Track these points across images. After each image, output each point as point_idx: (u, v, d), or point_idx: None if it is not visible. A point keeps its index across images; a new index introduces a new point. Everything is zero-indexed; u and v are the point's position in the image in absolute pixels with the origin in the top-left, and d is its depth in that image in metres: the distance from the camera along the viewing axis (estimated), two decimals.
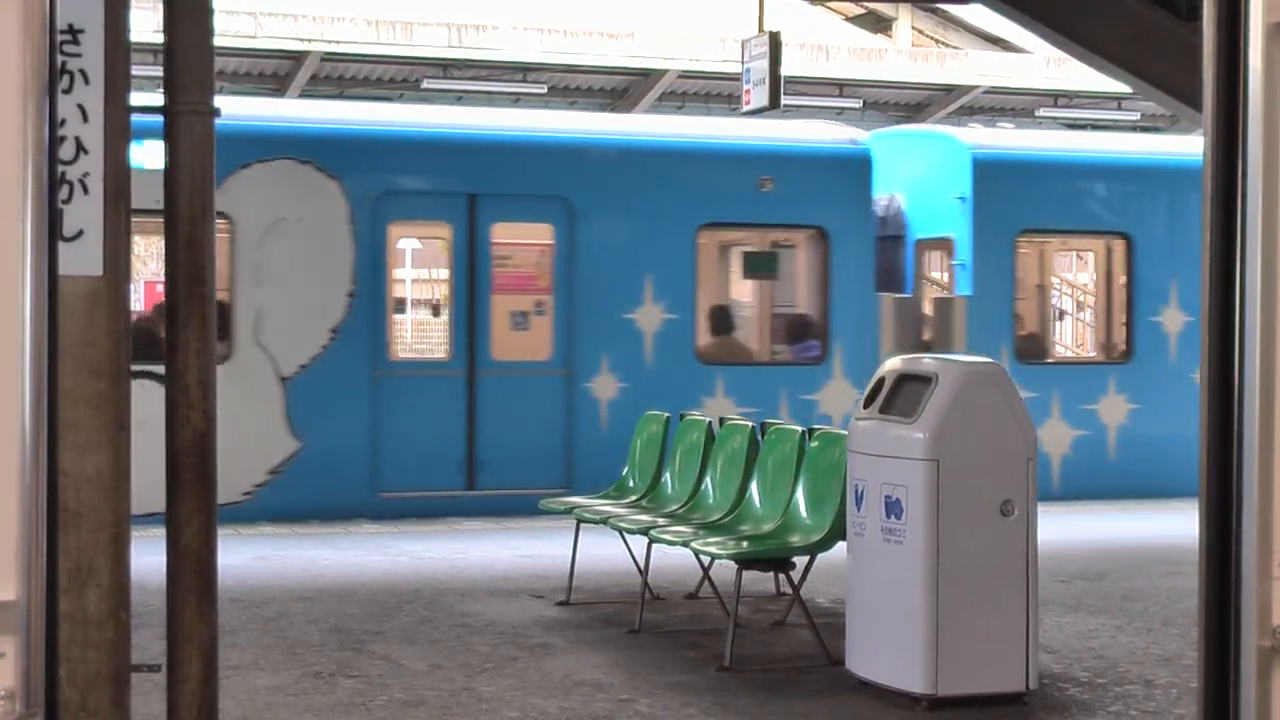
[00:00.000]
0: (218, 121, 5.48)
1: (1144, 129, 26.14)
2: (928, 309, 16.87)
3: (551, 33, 24.95)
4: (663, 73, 25.82)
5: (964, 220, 16.26)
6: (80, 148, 4.77)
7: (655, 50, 25.61)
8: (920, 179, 17.09)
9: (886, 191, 16.94)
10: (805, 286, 16.58)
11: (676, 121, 19.23)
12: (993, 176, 16.39)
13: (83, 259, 4.77)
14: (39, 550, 3.15)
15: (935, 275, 17.43)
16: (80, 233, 4.78)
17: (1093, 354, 17.51)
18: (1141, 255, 16.81)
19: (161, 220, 5.49)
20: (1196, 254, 16.61)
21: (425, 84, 25.08)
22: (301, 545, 12.95)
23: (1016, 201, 16.46)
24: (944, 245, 16.78)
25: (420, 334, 23.23)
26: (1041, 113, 27.47)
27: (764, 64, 17.23)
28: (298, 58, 24.22)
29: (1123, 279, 17.08)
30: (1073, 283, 21.41)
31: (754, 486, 9.72)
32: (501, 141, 15.54)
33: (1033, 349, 17.20)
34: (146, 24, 7.82)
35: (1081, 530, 14.02)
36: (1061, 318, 20.64)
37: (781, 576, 9.82)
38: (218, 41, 5.66)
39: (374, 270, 14.73)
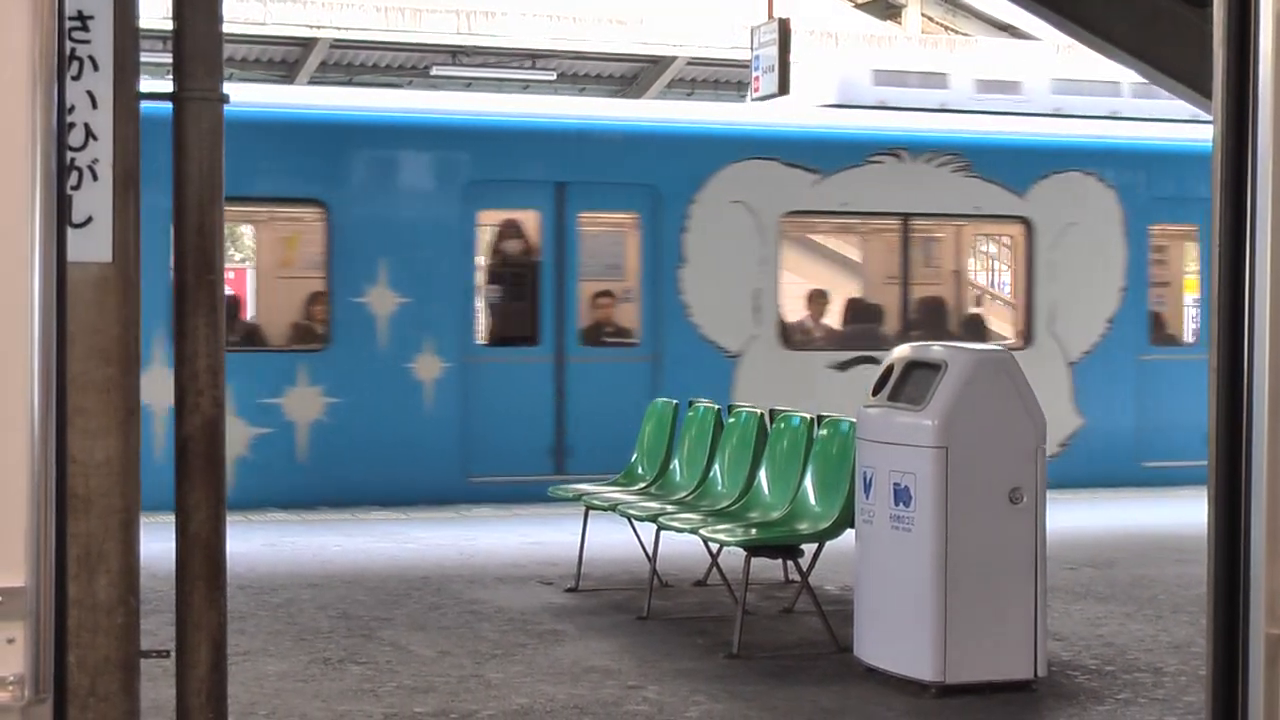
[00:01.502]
0: None
1: None
2: None
3: (561, 19, 24.94)
4: (672, 59, 25.81)
5: None
6: (89, 134, 4.78)
7: (664, 37, 25.59)
8: None
9: None
10: None
11: None
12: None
13: (92, 245, 4.78)
14: (48, 536, 3.15)
15: None
16: (89, 219, 4.78)
17: (279, 341, 15.21)
18: (341, 226, 14.75)
19: None
20: (411, 225, 14.90)
21: (434, 71, 25.08)
22: (310, 532, 12.96)
23: None
24: None
25: None
26: None
27: (773, 50, 17.24)
28: (307, 44, 24.23)
29: (321, 252, 15.00)
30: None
31: (763, 473, 9.72)
32: None
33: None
34: (156, 10, 7.83)
35: (1090, 518, 14.01)
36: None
37: (790, 564, 9.80)
38: (227, 28, 5.66)
39: None
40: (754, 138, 15.99)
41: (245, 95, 15.77)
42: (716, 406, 10.67)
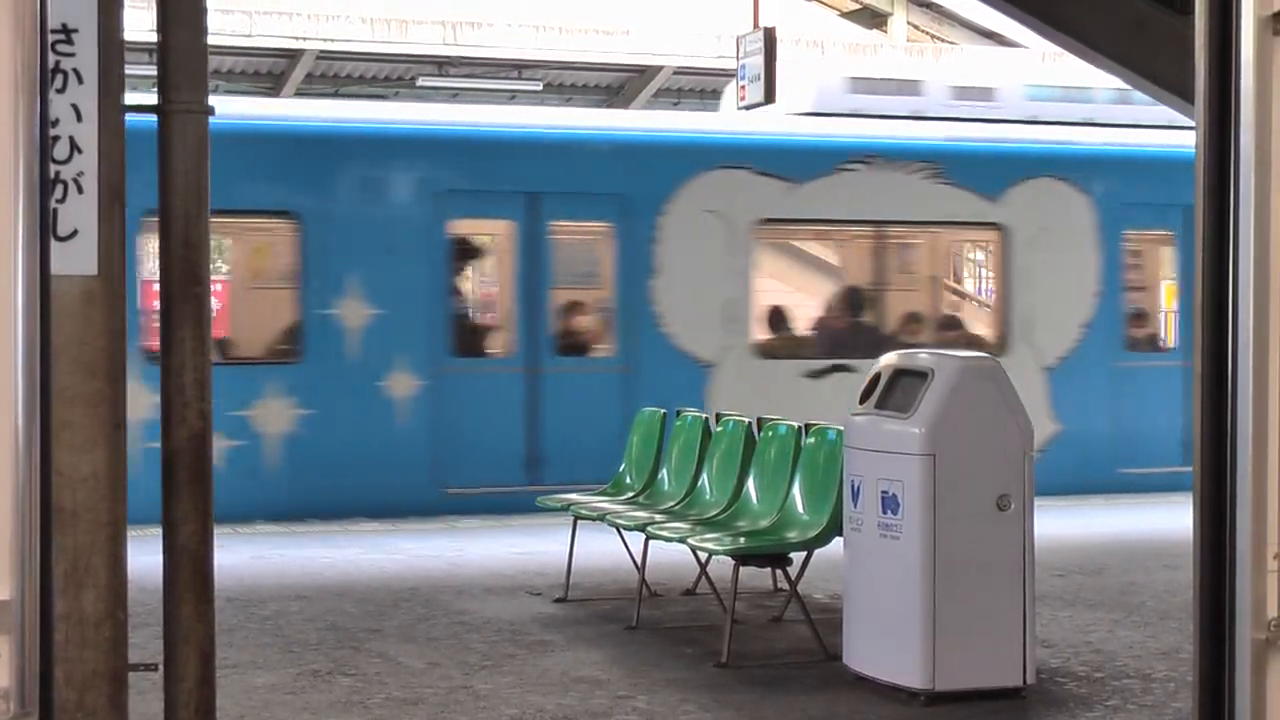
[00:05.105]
0: None
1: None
2: None
3: (547, 29, 24.96)
4: (658, 69, 25.83)
5: None
6: (74, 147, 4.77)
7: (651, 47, 25.62)
8: None
9: None
10: None
11: None
12: None
13: (77, 258, 4.77)
14: (33, 550, 3.15)
15: None
16: (75, 232, 4.78)
17: None
18: None
19: None
20: None
21: (421, 81, 25.08)
22: (298, 544, 12.95)
23: None
24: None
25: None
26: None
27: (759, 60, 17.25)
28: (293, 56, 24.22)
29: None
30: None
31: (751, 482, 9.71)
32: None
33: None
34: (141, 23, 7.83)
35: (1079, 524, 14.02)
36: None
37: (779, 572, 9.82)
38: (212, 40, 5.66)
39: None
40: None
41: None
42: (704, 415, 10.67)
